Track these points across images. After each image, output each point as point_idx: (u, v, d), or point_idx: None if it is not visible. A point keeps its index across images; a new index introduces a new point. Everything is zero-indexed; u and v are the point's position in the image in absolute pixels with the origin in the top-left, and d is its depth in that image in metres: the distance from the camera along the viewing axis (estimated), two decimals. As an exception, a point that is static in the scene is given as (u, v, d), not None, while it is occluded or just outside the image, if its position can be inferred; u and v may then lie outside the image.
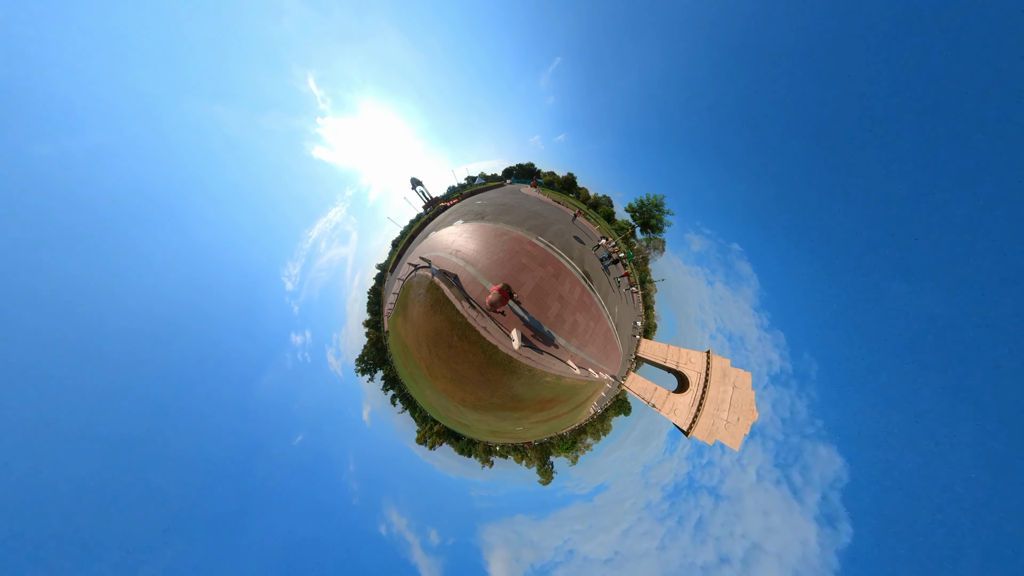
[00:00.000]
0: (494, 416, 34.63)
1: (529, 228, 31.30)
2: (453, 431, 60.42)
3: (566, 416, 43.60)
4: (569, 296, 26.83)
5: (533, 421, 38.48)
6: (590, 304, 28.83)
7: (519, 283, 24.65)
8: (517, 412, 32.62)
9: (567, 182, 67.50)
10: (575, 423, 52.81)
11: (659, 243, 67.18)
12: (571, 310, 26.56)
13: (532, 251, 27.87)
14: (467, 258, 27.59)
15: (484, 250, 27.93)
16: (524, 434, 49.02)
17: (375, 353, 69.28)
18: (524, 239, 29.12)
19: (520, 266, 25.92)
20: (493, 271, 25.32)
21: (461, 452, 62.61)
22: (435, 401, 42.13)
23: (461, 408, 35.33)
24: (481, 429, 46.18)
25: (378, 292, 70.84)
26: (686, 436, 31.58)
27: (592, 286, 30.07)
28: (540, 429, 49.51)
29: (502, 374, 24.98)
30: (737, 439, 32.93)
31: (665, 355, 37.63)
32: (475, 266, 26.29)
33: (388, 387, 69.08)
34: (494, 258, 26.66)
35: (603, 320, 31.16)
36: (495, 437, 54.09)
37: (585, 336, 28.01)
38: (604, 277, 33.93)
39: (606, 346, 34.54)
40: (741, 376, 34.72)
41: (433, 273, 27.04)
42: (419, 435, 64.07)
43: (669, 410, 32.99)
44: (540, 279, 25.78)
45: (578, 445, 56.68)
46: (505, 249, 27.48)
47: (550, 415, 37.54)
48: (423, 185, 49.78)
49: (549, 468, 58.23)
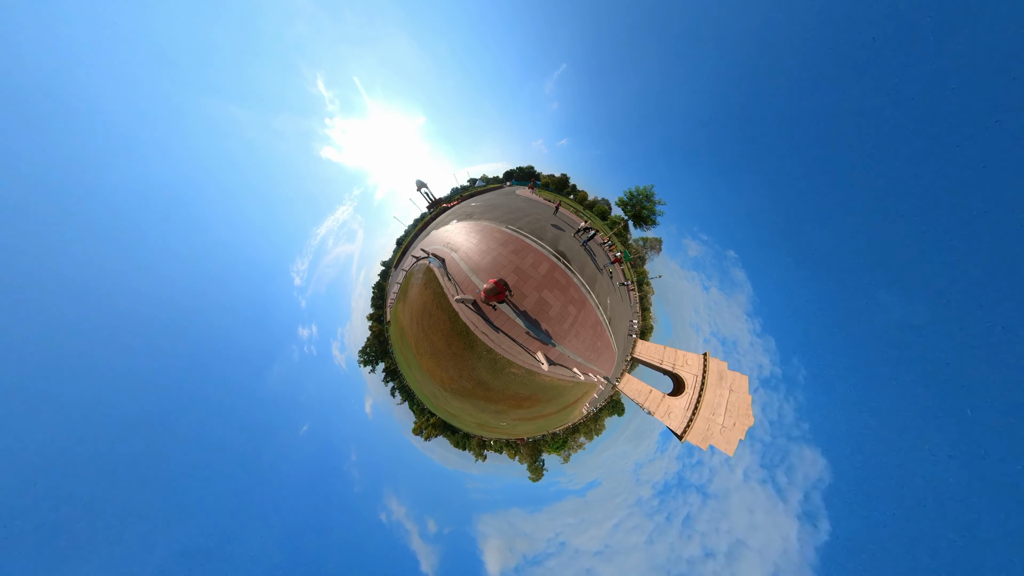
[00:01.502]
0: (472, 405, 34.84)
1: (503, 221, 34.57)
2: (449, 425, 58.75)
3: (554, 416, 41.88)
4: (532, 271, 28.72)
5: (514, 418, 37.37)
6: (567, 285, 29.88)
7: (481, 266, 28.66)
8: (493, 405, 32.81)
9: (560, 182, 66.14)
10: (566, 423, 50.78)
11: (655, 242, 64.93)
12: (534, 285, 27.92)
13: (499, 237, 31.63)
14: (453, 247, 32.39)
15: (466, 241, 32.54)
16: (512, 430, 47.06)
17: (377, 345, 68.18)
18: (495, 229, 33.02)
19: (486, 249, 30.35)
20: (471, 256, 30.08)
21: (456, 445, 60.77)
22: (425, 388, 42.05)
23: (444, 393, 35.78)
24: (467, 420, 45.18)
25: (382, 287, 69.53)
26: (680, 440, 29.42)
27: (571, 268, 31.35)
28: (528, 427, 47.59)
29: (463, 349, 27.79)
30: (732, 444, 30.75)
31: (661, 356, 35.41)
32: (457, 252, 31.24)
33: (388, 379, 67.87)
34: (471, 246, 31.24)
35: (589, 306, 30.88)
36: (485, 431, 52.19)
37: (565, 324, 28.28)
38: (588, 261, 34.43)
39: (597, 342, 32.50)
40: (738, 379, 32.48)
41: (431, 262, 31.22)
42: (416, 426, 62.36)
43: (664, 413, 30.83)
44: (498, 255, 29.31)
45: (570, 444, 54.54)
46: (480, 238, 31.95)
47: (533, 414, 36.29)
48: (427, 187, 49.67)
49: (540, 466, 56.17)
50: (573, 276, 30.85)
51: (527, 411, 34.40)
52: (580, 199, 64.52)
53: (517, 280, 27.49)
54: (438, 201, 54.66)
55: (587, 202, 63.94)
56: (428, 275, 31.72)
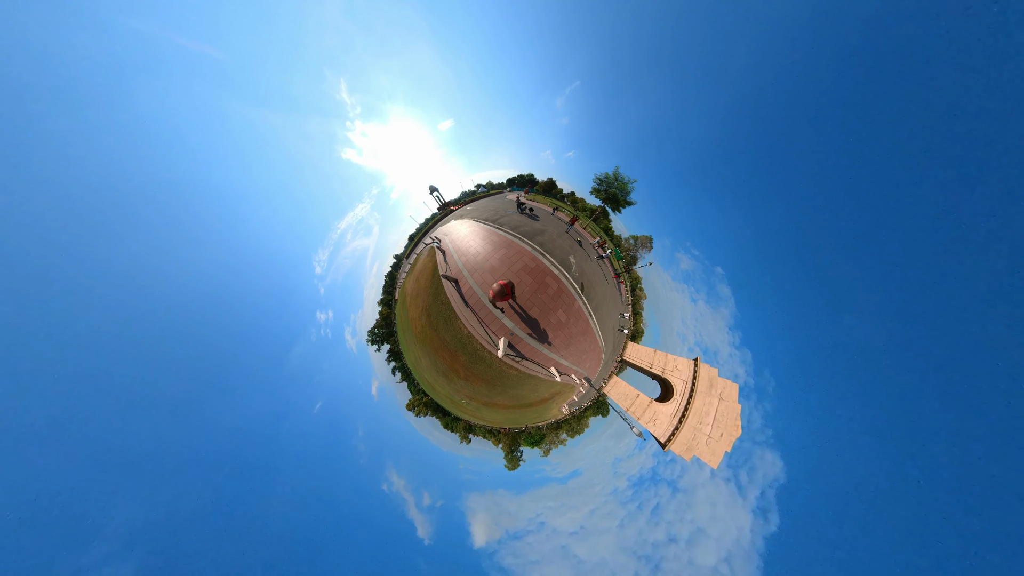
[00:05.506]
0: (429, 359, 36.84)
1: (485, 219, 37.27)
2: (440, 407, 54.77)
3: (518, 411, 39.85)
4: (496, 249, 30.71)
5: (466, 394, 37.05)
6: (534, 267, 29.34)
7: (468, 253, 31.89)
8: (444, 364, 34.00)
9: (547, 185, 63.88)
10: (544, 419, 46.24)
11: (646, 240, 60.54)
12: (506, 276, 27.59)
13: (478, 232, 34.93)
14: (447, 235, 37.56)
15: (458, 234, 36.40)
16: (479, 413, 42.59)
17: (384, 327, 65.16)
18: (476, 224, 36.47)
19: (464, 236, 34.92)
20: (457, 243, 34.41)
21: (446, 427, 56.49)
22: (416, 360, 43.41)
23: (416, 342, 38.50)
24: (440, 394, 44.66)
25: (393, 276, 66.64)
26: (664, 449, 24.49)
27: (541, 251, 30.99)
28: (496, 416, 43.61)
29: (440, 308, 31.43)
30: (717, 456, 25.71)
31: (651, 360, 30.47)
32: (449, 237, 36.58)
33: (391, 359, 64.90)
34: (460, 237, 35.34)
35: (565, 288, 29.19)
36: (458, 410, 48.91)
37: (546, 307, 27.12)
38: (565, 244, 34.20)
39: (583, 339, 27.73)
40: (728, 387, 27.46)
41: (436, 245, 36.61)
42: (409, 403, 58.49)
43: (649, 419, 25.92)
44: (482, 247, 31.77)
45: (549, 439, 49.66)
46: (466, 231, 35.99)
47: (485, 397, 35.70)
48: (439, 191, 52.15)
49: (517, 456, 51.48)
50: (541, 256, 30.59)
51: (476, 389, 34.32)
52: (571, 200, 61.50)
53: (494, 275, 27.89)
54: (447, 204, 55.64)
55: (578, 205, 59.82)
56: (431, 252, 37.34)
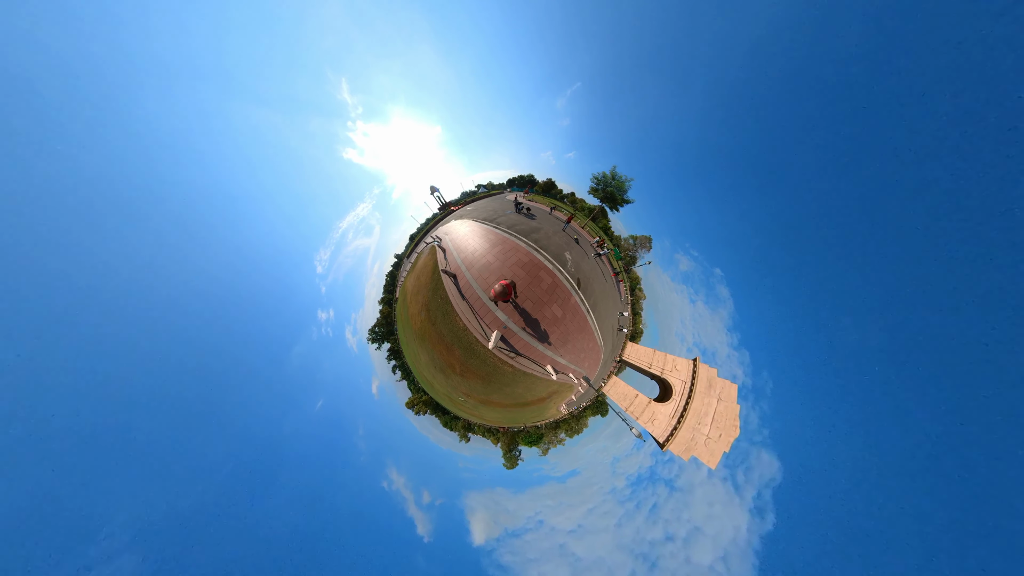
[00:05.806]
0: (425, 352, 36.56)
1: (483, 219, 37.27)
2: (440, 406, 54.20)
3: (516, 410, 39.36)
4: (492, 246, 30.81)
5: (463, 391, 36.57)
6: (527, 261, 29.16)
7: (462, 249, 32.42)
8: (441, 358, 33.83)
9: (547, 186, 64.40)
10: (539, 420, 45.74)
11: (645, 240, 60.04)
12: (501, 275, 27.32)
13: (476, 230, 34.90)
14: (447, 234, 37.27)
15: (458, 233, 36.22)
16: (474, 411, 42.03)
17: (385, 326, 64.61)
18: (475, 223, 36.41)
19: (463, 235, 34.86)
20: (457, 241, 34.21)
21: (445, 425, 55.91)
22: (415, 357, 42.90)
23: (413, 335, 38.41)
24: (439, 391, 43.78)
25: (394, 276, 66.03)
26: (662, 449, 23.98)
27: (535, 247, 30.90)
28: (495, 415, 43.01)
29: (438, 302, 31.31)
30: (715, 456, 25.22)
31: (651, 360, 29.96)
32: (449, 236, 36.20)
33: (391, 358, 64.37)
34: (459, 236, 35.17)
35: (560, 283, 28.77)
36: (457, 408, 48.27)
37: (540, 301, 26.84)
38: (560, 241, 34.30)
39: (581, 336, 27.18)
40: (727, 388, 26.96)
41: (436, 243, 36.50)
42: (409, 401, 57.97)
43: (648, 419, 25.40)
44: (479, 244, 31.83)
45: (548, 438, 49.07)
46: (465, 230, 35.89)
47: (481, 395, 35.42)
48: (439, 191, 51.96)
49: (516, 455, 50.88)
50: (536, 252, 30.36)
51: (472, 386, 34.18)
52: (570, 200, 61.84)
53: (490, 271, 27.77)
54: (447, 204, 55.59)
55: (576, 205, 59.79)
56: (432, 250, 37.32)
